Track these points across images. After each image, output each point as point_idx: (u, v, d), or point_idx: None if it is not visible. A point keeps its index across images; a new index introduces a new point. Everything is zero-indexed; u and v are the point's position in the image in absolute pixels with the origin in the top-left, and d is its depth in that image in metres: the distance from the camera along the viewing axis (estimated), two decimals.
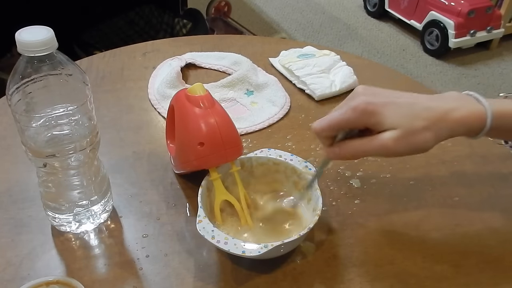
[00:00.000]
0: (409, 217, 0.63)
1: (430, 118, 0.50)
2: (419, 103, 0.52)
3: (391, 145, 0.50)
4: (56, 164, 0.53)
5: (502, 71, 2.38)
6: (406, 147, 0.50)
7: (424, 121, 0.50)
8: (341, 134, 0.54)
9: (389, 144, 0.50)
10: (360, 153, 0.53)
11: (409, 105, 0.51)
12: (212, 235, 0.51)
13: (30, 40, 0.46)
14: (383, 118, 0.50)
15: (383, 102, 0.51)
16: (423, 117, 0.50)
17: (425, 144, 0.51)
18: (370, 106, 0.50)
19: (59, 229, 0.59)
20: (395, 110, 0.51)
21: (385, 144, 0.50)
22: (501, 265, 0.58)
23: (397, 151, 0.50)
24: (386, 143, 0.50)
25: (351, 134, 0.54)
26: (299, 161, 0.61)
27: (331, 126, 0.53)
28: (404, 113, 0.50)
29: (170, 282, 0.54)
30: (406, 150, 0.51)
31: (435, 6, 2.40)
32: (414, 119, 0.50)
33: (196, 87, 0.58)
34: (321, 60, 0.91)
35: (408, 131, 0.50)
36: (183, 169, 0.64)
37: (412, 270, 0.56)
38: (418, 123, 0.50)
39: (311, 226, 0.53)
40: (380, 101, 0.51)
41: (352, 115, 0.51)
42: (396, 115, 0.50)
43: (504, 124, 0.52)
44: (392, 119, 0.50)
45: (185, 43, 1.01)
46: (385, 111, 0.50)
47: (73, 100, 0.51)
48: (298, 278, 0.55)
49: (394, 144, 0.50)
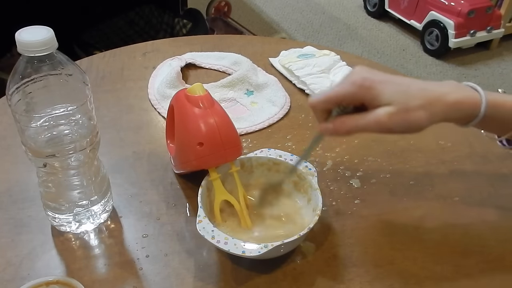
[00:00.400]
0: (409, 217, 0.63)
1: (426, 98, 0.51)
2: (416, 84, 0.53)
3: (386, 120, 0.51)
4: (56, 164, 0.53)
5: (502, 71, 2.38)
6: (400, 123, 0.51)
7: (420, 100, 0.51)
8: (336, 111, 0.54)
9: (383, 119, 0.51)
10: (354, 128, 0.53)
11: (406, 85, 0.52)
12: (212, 235, 0.51)
13: (30, 40, 0.46)
14: (379, 93, 0.51)
15: (380, 79, 0.52)
16: (418, 96, 0.51)
17: (419, 122, 0.51)
18: (368, 81, 0.52)
19: (59, 229, 0.59)
20: (391, 87, 0.52)
21: (380, 119, 0.51)
22: (501, 265, 0.58)
23: (390, 127, 0.51)
24: (380, 118, 0.51)
25: (346, 111, 0.54)
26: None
27: (328, 99, 0.54)
28: (401, 90, 0.52)
29: (170, 282, 0.54)
30: (399, 127, 0.51)
31: (435, 6, 2.40)
32: (410, 97, 0.51)
33: (196, 87, 0.58)
34: (321, 60, 0.91)
35: (403, 107, 0.51)
36: (183, 169, 0.64)
37: (412, 270, 0.56)
38: (413, 101, 0.51)
39: (311, 226, 0.53)
40: (378, 78, 0.52)
41: (349, 89, 0.52)
42: (392, 92, 0.51)
43: (497, 114, 0.53)
44: (388, 95, 0.51)
45: (185, 43, 1.01)
46: (382, 87, 0.51)
47: (73, 100, 0.51)
48: (298, 278, 0.55)
49: (389, 119, 0.50)
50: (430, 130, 0.60)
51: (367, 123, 0.52)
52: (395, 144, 0.75)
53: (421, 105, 0.51)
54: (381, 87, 0.51)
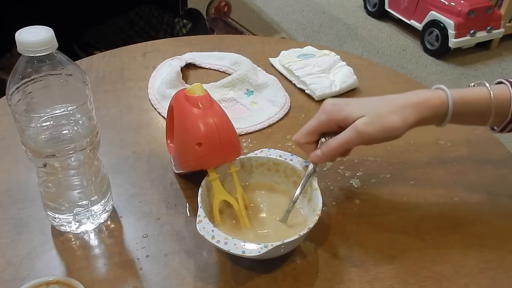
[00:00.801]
0: (409, 217, 0.63)
1: (394, 105, 0.56)
2: (379, 98, 0.58)
3: (363, 128, 0.55)
4: (56, 164, 0.53)
5: (502, 71, 2.38)
6: (377, 129, 0.55)
7: (388, 108, 0.56)
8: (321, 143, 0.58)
9: (361, 127, 0.55)
10: (339, 147, 0.57)
11: (371, 100, 0.58)
12: (212, 235, 0.51)
13: (30, 40, 0.46)
14: (350, 111, 0.56)
15: (347, 102, 0.58)
16: (386, 105, 0.56)
17: (394, 126, 0.55)
18: (336, 105, 0.58)
19: (59, 229, 0.59)
20: (359, 104, 0.57)
21: (358, 128, 0.55)
22: (501, 265, 0.58)
23: (370, 134, 0.55)
24: (358, 127, 0.55)
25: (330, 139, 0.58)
26: (299, 161, 0.62)
27: (307, 131, 0.59)
28: (368, 105, 0.57)
29: (170, 282, 0.54)
30: (378, 134, 0.55)
31: (435, 6, 2.40)
32: (379, 108, 0.56)
33: (195, 87, 0.58)
34: (321, 60, 0.91)
35: (375, 115, 0.55)
36: (182, 169, 0.64)
37: (412, 270, 0.56)
38: (383, 109, 0.56)
39: (311, 226, 0.53)
40: (344, 101, 0.58)
41: (322, 116, 0.58)
42: (361, 107, 0.56)
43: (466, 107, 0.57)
44: (358, 110, 0.56)
45: (185, 43, 1.01)
46: (351, 107, 0.57)
47: (73, 100, 0.51)
48: (298, 278, 0.55)
49: (366, 128, 0.55)
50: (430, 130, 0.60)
51: (348, 136, 0.56)
52: (395, 144, 0.74)
53: (391, 111, 0.55)
54: (349, 108, 0.57)
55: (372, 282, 0.55)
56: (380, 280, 0.55)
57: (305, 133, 0.59)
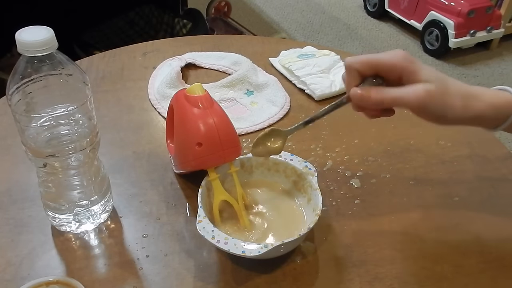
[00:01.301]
0: (409, 217, 0.63)
1: (464, 91, 0.52)
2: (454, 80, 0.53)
3: (425, 95, 0.50)
4: (56, 164, 0.53)
5: (502, 71, 2.38)
6: (436, 103, 0.50)
7: (457, 91, 0.52)
8: (368, 82, 0.53)
9: (423, 93, 0.50)
10: (388, 99, 0.52)
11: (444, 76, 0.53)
12: (212, 235, 0.51)
13: (30, 40, 0.46)
14: (421, 69, 0.51)
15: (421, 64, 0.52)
16: (456, 87, 0.52)
17: (454, 108, 0.51)
18: (410, 57, 0.52)
19: (59, 229, 0.59)
20: (431, 70, 0.52)
21: (419, 93, 0.50)
22: (501, 265, 0.58)
23: (427, 104, 0.50)
24: (420, 92, 0.50)
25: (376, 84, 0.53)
26: (299, 161, 0.62)
27: (367, 61, 0.52)
28: (440, 77, 0.52)
29: (170, 282, 0.54)
30: (434, 107, 0.51)
31: (435, 6, 2.40)
32: (449, 85, 0.52)
33: (195, 87, 0.58)
34: (321, 60, 0.91)
35: (442, 90, 0.51)
36: (182, 169, 0.64)
37: (412, 270, 0.56)
38: (452, 89, 0.51)
39: (311, 226, 0.53)
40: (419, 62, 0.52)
41: (392, 58, 0.51)
42: (433, 74, 0.51)
43: None
44: (428, 75, 0.51)
45: (185, 43, 1.01)
46: (423, 66, 0.51)
47: (73, 100, 0.51)
48: (298, 278, 0.55)
49: (428, 95, 0.50)
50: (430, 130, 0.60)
51: (405, 95, 0.50)
52: (395, 144, 0.75)
53: (458, 92, 0.52)
54: (422, 66, 0.51)
55: (372, 282, 0.55)
56: (380, 280, 0.55)
57: (363, 61, 0.52)
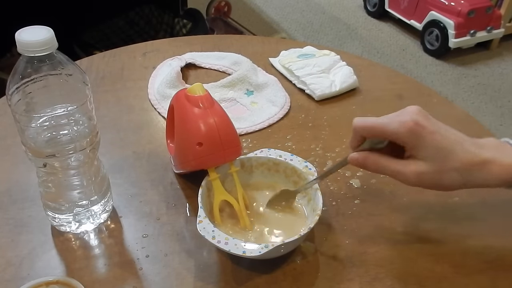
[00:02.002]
0: (409, 217, 0.63)
1: (465, 162, 0.50)
2: (463, 143, 0.51)
3: (414, 179, 0.51)
4: (56, 164, 0.53)
5: (502, 71, 2.38)
6: (429, 182, 0.52)
7: (458, 163, 0.50)
8: (369, 143, 0.54)
9: (412, 177, 0.51)
10: (380, 169, 0.54)
11: (453, 142, 0.51)
12: (213, 235, 0.51)
13: (30, 40, 0.46)
14: (423, 144, 0.50)
15: (432, 130, 0.50)
16: (458, 158, 0.50)
17: (451, 184, 0.51)
18: (419, 127, 0.50)
19: (59, 229, 0.59)
20: (437, 141, 0.50)
21: (408, 177, 0.52)
22: (501, 265, 0.57)
23: (420, 184, 0.52)
24: (409, 176, 0.51)
25: (379, 146, 0.54)
26: (299, 161, 0.62)
27: (374, 127, 0.53)
28: (443, 147, 0.50)
29: (170, 282, 0.54)
30: (430, 186, 0.52)
31: (435, 6, 2.40)
32: (450, 157, 0.50)
33: (196, 87, 0.58)
34: (321, 60, 0.91)
35: (437, 169, 0.50)
36: (182, 169, 0.64)
37: (412, 270, 0.56)
38: (451, 163, 0.50)
39: (311, 226, 0.53)
40: (430, 127, 0.50)
41: (398, 128, 0.51)
42: (435, 147, 0.50)
43: None
44: (429, 150, 0.50)
45: (185, 43, 1.01)
46: (430, 138, 0.50)
47: (73, 100, 0.51)
48: (298, 278, 0.55)
49: (417, 178, 0.51)
50: None
51: (401, 172, 0.52)
52: None
53: (456, 168, 0.50)
54: (427, 139, 0.50)
55: (372, 282, 0.55)
56: (380, 280, 0.55)
57: (370, 127, 0.53)
